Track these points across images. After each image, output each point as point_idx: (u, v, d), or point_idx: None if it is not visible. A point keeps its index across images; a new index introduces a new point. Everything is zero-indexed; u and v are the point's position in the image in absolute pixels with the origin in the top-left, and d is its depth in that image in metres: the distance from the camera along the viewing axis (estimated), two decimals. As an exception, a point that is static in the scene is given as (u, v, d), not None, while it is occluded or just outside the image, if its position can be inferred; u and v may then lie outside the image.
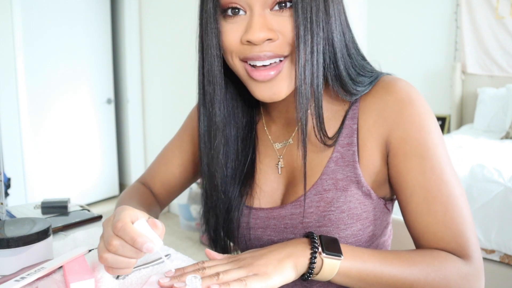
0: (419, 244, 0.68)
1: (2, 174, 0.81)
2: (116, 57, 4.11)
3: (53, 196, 3.47)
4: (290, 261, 0.60)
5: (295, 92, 0.66)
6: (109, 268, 0.58)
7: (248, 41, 0.64)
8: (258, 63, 0.65)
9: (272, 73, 0.65)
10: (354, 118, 0.71)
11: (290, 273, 0.60)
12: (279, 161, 0.78)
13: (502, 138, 2.70)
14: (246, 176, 0.79)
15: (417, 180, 0.66)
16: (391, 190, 0.73)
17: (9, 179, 2.96)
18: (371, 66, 0.75)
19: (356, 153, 0.70)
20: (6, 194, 2.71)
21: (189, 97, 3.22)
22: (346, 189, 0.69)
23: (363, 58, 0.74)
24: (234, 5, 0.64)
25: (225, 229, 0.80)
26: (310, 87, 0.65)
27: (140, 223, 0.56)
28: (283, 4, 0.63)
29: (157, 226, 0.58)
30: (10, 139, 3.26)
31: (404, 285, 0.61)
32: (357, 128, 0.70)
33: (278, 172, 0.77)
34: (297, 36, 0.63)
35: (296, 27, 0.63)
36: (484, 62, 3.21)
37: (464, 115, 3.33)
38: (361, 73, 0.71)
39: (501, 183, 1.91)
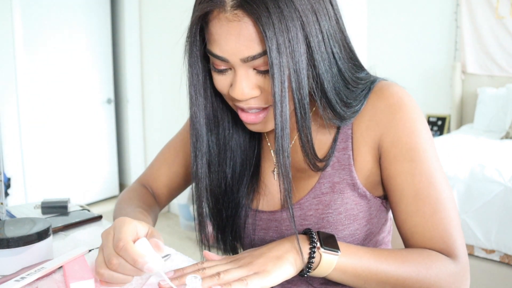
0: (408, 244, 0.69)
1: (2, 174, 0.81)
2: (116, 57, 4.11)
3: (53, 196, 3.46)
4: (289, 256, 0.61)
5: (275, 149, 0.63)
6: (104, 282, 0.58)
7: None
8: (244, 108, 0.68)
9: (259, 116, 0.68)
10: (348, 123, 0.72)
11: (289, 269, 0.60)
12: (274, 167, 0.80)
13: (502, 138, 2.70)
14: (252, 179, 0.81)
15: (407, 183, 0.67)
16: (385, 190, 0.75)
17: (9, 179, 2.96)
18: (364, 75, 0.73)
19: (351, 157, 0.72)
20: (6, 194, 2.71)
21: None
22: (343, 191, 0.72)
23: (357, 80, 0.71)
24: (220, 68, 0.65)
25: (232, 230, 0.82)
26: (304, 143, 0.67)
27: (141, 243, 0.57)
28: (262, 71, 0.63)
29: (160, 248, 0.58)
30: (10, 139, 3.26)
31: (397, 281, 0.63)
32: (351, 133, 0.72)
33: (274, 178, 0.80)
34: (274, 100, 0.61)
35: (273, 94, 0.60)
36: (484, 62, 3.21)
37: (464, 115, 3.33)
38: (352, 101, 0.69)
39: (501, 183, 1.91)
